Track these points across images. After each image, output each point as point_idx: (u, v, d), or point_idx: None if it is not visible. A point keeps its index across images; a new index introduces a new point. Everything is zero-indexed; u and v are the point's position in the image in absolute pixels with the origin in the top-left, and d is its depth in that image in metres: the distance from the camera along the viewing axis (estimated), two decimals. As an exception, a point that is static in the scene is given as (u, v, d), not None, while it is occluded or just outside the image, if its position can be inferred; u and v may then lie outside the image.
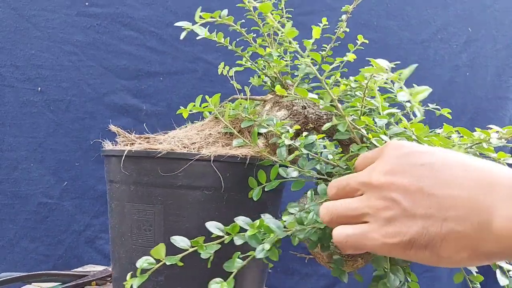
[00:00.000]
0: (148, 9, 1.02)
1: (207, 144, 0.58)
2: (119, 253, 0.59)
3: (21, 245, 1.01)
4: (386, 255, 0.35)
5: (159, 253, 0.43)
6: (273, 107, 0.65)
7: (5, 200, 1.01)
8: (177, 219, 0.55)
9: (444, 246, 0.31)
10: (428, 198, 0.32)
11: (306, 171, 0.53)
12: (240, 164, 0.56)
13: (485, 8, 1.11)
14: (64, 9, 1.00)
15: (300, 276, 1.07)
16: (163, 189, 0.55)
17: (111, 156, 0.59)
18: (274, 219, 0.46)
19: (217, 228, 0.46)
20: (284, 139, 0.54)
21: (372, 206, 0.35)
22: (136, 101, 1.03)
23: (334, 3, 1.04)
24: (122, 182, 0.58)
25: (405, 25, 1.09)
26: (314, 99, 0.52)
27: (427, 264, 0.34)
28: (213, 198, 0.55)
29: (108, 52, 1.02)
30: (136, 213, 0.56)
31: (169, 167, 0.54)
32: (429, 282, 1.09)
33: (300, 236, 0.46)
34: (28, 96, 1.00)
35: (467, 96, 1.11)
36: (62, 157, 1.02)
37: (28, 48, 1.00)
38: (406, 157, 0.35)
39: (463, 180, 0.32)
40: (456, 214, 0.31)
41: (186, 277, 0.55)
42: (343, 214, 0.37)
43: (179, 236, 0.45)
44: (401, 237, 0.33)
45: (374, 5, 1.07)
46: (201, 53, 1.03)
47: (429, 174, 0.33)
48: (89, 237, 1.04)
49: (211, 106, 0.58)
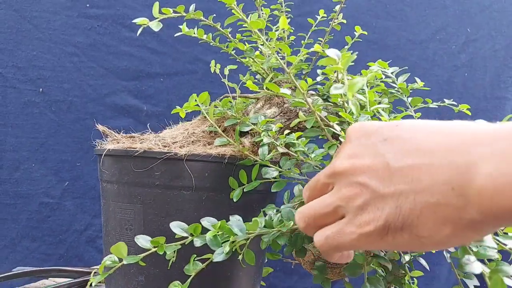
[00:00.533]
0: (148, 10, 1.02)
1: (188, 143, 0.56)
2: (107, 251, 0.59)
3: (23, 244, 1.02)
4: (367, 249, 0.31)
5: (120, 251, 0.41)
6: (264, 105, 0.63)
7: (7, 200, 1.01)
8: (156, 219, 0.54)
9: (422, 223, 0.28)
10: (396, 173, 0.29)
11: (286, 171, 0.50)
12: (219, 163, 0.54)
13: (483, 9, 1.12)
14: (65, 10, 1.01)
15: (299, 276, 1.08)
16: (142, 188, 0.54)
17: (99, 155, 0.59)
18: (239, 222, 0.43)
19: (180, 229, 0.44)
20: (263, 137, 0.51)
21: (342, 196, 0.31)
22: (137, 102, 1.04)
23: (333, 4, 1.04)
24: (108, 181, 0.58)
25: (404, 26, 1.09)
26: (286, 94, 0.49)
27: (410, 249, 0.30)
28: (191, 198, 0.54)
29: (109, 53, 1.03)
30: (119, 212, 0.56)
31: (144, 166, 0.53)
32: (428, 281, 1.10)
33: (265, 240, 0.43)
34: (30, 96, 1.01)
35: (465, 96, 1.11)
36: (63, 157, 1.03)
37: (30, 49, 1.01)
38: (367, 136, 0.32)
39: (434, 146, 0.28)
40: (429, 184, 0.27)
41: (166, 277, 0.54)
42: (318, 214, 0.34)
43: (143, 235, 0.43)
44: (375, 223, 0.29)
45: (373, 6, 1.07)
46: (201, 54, 1.04)
47: (394, 148, 0.30)
48: (89, 236, 1.04)
49: (200, 104, 0.55)
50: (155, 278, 0.55)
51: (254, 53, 0.58)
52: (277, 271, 1.07)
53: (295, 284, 1.07)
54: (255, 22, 0.46)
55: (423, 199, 0.27)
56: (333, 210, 0.33)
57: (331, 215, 0.33)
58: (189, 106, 0.56)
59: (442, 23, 1.10)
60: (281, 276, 1.07)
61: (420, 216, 0.28)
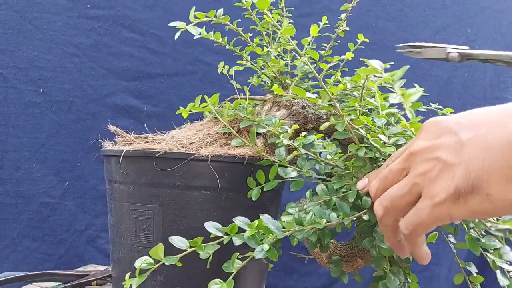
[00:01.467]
0: (148, 11, 1.04)
1: (205, 144, 0.57)
2: (118, 253, 0.59)
3: (23, 244, 1.03)
4: (445, 222, 0.34)
5: (157, 253, 0.43)
6: (273, 107, 0.65)
7: (8, 200, 1.02)
8: (175, 219, 0.55)
9: (491, 184, 0.30)
10: (466, 143, 0.32)
11: (305, 171, 0.53)
12: (239, 164, 0.56)
13: (483, 9, 1.12)
14: (66, 11, 1.02)
15: (299, 275, 1.08)
16: (161, 189, 0.55)
17: (110, 156, 0.59)
18: (273, 220, 0.46)
19: (215, 229, 0.45)
20: (282, 139, 0.54)
21: (418, 173, 0.34)
22: (137, 102, 1.05)
23: (333, 4, 1.05)
24: (121, 182, 0.58)
25: (404, 26, 1.09)
26: (312, 98, 0.51)
27: (484, 215, 0.33)
28: (211, 198, 0.55)
29: (109, 54, 1.03)
30: (135, 213, 0.56)
31: (167, 167, 0.54)
32: (428, 281, 1.10)
33: (299, 237, 0.46)
34: (31, 97, 1.02)
35: (465, 96, 1.11)
36: (64, 158, 1.03)
37: (31, 50, 1.01)
38: (441, 123, 0.35)
39: (504, 117, 0.32)
40: (497, 147, 0.31)
41: (185, 277, 0.55)
42: (395, 197, 0.36)
43: (177, 236, 0.45)
44: (446, 190, 0.32)
45: (373, 7, 1.08)
46: (201, 55, 1.05)
47: (466, 124, 0.33)
48: (90, 236, 1.05)
49: (210, 106, 0.57)
50: (175, 278, 0.55)
51: (270, 57, 0.61)
52: (277, 271, 1.07)
53: (295, 284, 1.08)
54: (289, 29, 0.50)
55: (491, 162, 0.30)
56: (409, 189, 0.35)
57: (407, 195, 0.36)
58: (195, 107, 0.58)
59: (442, 24, 1.11)
60: (281, 276, 1.07)
61: (489, 178, 0.30)
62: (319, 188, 0.51)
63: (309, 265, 1.08)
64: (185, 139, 0.58)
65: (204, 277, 0.44)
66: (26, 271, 1.02)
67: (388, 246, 0.47)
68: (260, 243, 0.44)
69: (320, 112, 0.65)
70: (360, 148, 0.49)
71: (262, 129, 0.56)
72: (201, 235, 0.45)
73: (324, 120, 0.65)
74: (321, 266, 1.07)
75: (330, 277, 1.07)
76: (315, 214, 0.46)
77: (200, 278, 0.54)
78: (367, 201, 0.47)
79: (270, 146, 0.61)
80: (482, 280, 0.52)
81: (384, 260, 0.50)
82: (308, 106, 0.65)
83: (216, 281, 0.43)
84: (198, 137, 0.59)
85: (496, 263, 0.48)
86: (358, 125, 0.50)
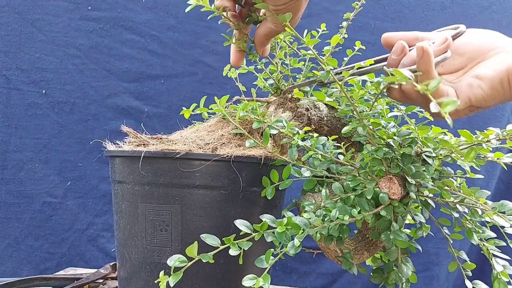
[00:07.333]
0: (149, 13, 1.05)
1: (221, 144, 0.59)
2: (129, 253, 0.59)
3: (26, 243, 1.04)
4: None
5: (192, 251, 0.45)
6: (278, 109, 0.66)
7: (11, 200, 1.03)
8: (194, 219, 0.56)
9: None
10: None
11: (319, 170, 0.56)
12: (255, 164, 0.57)
13: (482, 10, 1.12)
14: (68, 13, 1.03)
15: (298, 275, 1.08)
16: (180, 189, 0.55)
17: (120, 157, 0.59)
18: (300, 217, 0.49)
19: (245, 226, 0.48)
20: (297, 140, 0.56)
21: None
22: (138, 103, 1.06)
23: (332, 6, 1.05)
24: (135, 182, 0.57)
25: (403, 27, 1.10)
26: (332, 102, 0.55)
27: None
28: (229, 197, 0.57)
29: (110, 56, 1.04)
30: (151, 213, 0.56)
31: (186, 168, 0.55)
32: (428, 281, 1.10)
33: (323, 232, 0.49)
34: (33, 98, 1.03)
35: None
36: (66, 158, 1.04)
37: (33, 51, 1.03)
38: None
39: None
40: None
41: (198, 275, 0.56)
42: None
43: (210, 235, 0.47)
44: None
45: (372, 8, 1.08)
46: (200, 56, 1.05)
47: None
48: (91, 235, 1.06)
49: (220, 107, 0.59)
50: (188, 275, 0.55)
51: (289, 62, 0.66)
52: (277, 271, 1.08)
53: (295, 283, 1.08)
54: (312, 40, 0.53)
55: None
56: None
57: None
58: (200, 108, 0.60)
59: (441, 25, 1.10)
60: (281, 276, 1.08)
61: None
62: (335, 186, 0.54)
63: (309, 265, 1.08)
64: (199, 140, 0.59)
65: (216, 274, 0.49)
66: (28, 269, 1.04)
67: (404, 238, 0.52)
68: (290, 239, 0.47)
69: (322, 114, 0.67)
70: (379, 149, 0.53)
71: (274, 131, 0.58)
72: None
73: (325, 122, 0.67)
74: (320, 266, 1.08)
75: (328, 276, 1.09)
76: (339, 211, 0.50)
77: (212, 275, 0.57)
78: (383, 198, 0.51)
79: (279, 146, 0.63)
80: (474, 267, 0.57)
81: (396, 251, 0.56)
82: (311, 108, 0.67)
83: (250, 276, 0.45)
84: (212, 138, 0.60)
85: (490, 250, 0.53)
86: (375, 127, 0.54)
